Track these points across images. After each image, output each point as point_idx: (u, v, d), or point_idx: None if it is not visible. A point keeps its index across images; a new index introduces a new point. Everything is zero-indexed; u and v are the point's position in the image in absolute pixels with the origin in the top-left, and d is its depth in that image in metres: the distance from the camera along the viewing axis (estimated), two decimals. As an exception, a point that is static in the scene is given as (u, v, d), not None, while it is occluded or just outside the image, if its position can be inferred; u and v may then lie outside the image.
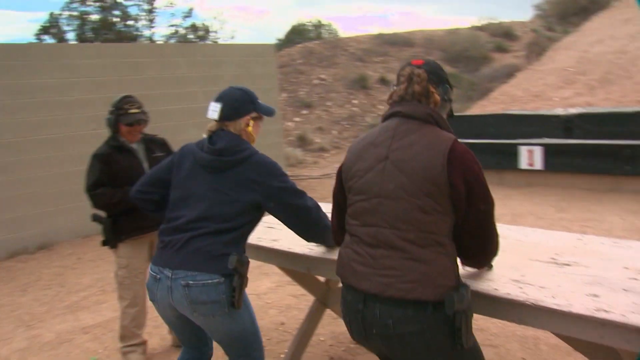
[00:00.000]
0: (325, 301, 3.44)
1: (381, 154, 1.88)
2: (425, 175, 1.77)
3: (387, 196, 1.82)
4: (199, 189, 2.29)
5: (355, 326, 1.91)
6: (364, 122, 13.92)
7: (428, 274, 1.76)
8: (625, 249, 2.45)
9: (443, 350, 1.80)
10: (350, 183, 1.96)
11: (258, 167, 2.29)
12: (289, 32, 25.74)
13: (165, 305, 2.27)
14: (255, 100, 2.45)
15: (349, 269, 1.92)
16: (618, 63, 12.54)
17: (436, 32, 20.11)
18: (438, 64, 2.03)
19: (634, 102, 10.01)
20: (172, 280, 2.20)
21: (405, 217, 1.79)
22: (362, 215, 1.90)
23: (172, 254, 2.23)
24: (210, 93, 9.00)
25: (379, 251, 1.83)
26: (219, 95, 2.40)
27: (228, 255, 2.20)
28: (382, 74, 15.99)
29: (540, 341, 3.53)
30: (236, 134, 2.36)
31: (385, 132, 1.92)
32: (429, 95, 1.91)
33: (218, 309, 2.20)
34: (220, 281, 2.19)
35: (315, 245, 2.78)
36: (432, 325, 1.77)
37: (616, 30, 15.59)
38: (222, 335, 2.32)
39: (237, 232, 2.28)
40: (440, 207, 1.78)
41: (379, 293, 1.79)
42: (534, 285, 2.07)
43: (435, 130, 1.86)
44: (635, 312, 1.78)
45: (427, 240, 1.78)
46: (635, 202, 7.04)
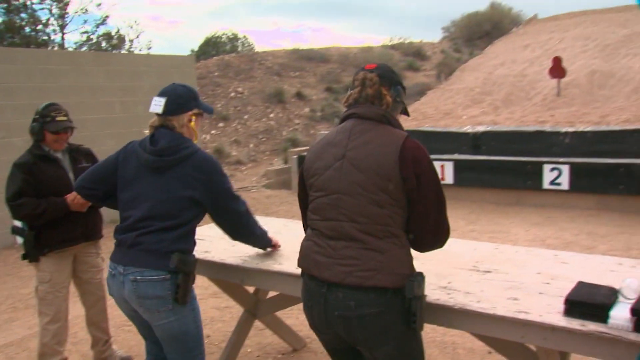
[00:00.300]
0: (255, 312, 3.48)
1: (338, 153, 2.00)
2: (379, 172, 1.91)
3: (345, 192, 1.95)
4: (144, 189, 2.36)
5: (317, 310, 2.01)
6: (280, 136, 14.03)
7: (385, 262, 1.90)
8: (536, 256, 2.69)
9: (398, 332, 1.93)
10: (311, 181, 2.08)
11: (200, 164, 2.36)
12: (204, 44, 25.51)
13: (120, 299, 2.39)
14: (198, 97, 2.54)
15: (311, 260, 2.03)
16: (519, 85, 13.43)
17: (351, 50, 20.64)
18: (390, 67, 2.16)
19: (534, 121, 10.75)
20: (123, 276, 2.31)
21: (362, 211, 1.92)
22: (323, 210, 2.02)
23: (124, 251, 2.34)
24: (129, 104, 8.80)
25: (340, 243, 1.96)
26: (162, 91, 2.46)
27: (173, 252, 2.30)
28: (298, 88, 16.20)
29: (458, 346, 3.74)
30: (177, 131, 2.41)
31: (342, 133, 2.04)
32: (382, 98, 2.04)
33: (162, 305, 2.29)
34: (166, 277, 2.29)
35: (248, 257, 2.84)
36: (390, 309, 1.90)
37: (517, 54, 16.71)
38: (165, 333, 2.36)
39: (184, 229, 2.36)
40: (394, 201, 1.92)
41: (339, 281, 1.92)
42: (460, 291, 2.24)
43: (388, 129, 2.00)
44: (550, 313, 1.98)
45: (383, 232, 1.92)
46: (537, 215, 7.58)
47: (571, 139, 8.59)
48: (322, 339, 2.14)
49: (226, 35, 25.63)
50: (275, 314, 3.62)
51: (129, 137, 8.20)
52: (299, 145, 12.85)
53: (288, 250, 2.94)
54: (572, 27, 19.13)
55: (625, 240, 6.18)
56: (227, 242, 3.13)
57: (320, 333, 2.10)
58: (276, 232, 3.38)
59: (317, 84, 17.10)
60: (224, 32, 25.85)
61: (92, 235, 3.34)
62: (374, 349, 1.94)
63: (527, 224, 7.18)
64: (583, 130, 8.61)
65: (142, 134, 2.46)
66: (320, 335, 2.13)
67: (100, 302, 3.49)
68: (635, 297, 1.92)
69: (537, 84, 13.30)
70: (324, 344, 2.18)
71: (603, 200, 7.65)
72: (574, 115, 10.64)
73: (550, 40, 17.75)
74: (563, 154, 8.38)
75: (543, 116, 10.98)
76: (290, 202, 9.37)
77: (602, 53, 14.70)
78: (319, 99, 15.98)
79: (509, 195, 8.33)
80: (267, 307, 3.48)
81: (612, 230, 6.63)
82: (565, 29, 19.04)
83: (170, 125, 2.41)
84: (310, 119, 14.89)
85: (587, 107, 11.11)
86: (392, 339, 1.92)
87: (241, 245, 3.05)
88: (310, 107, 15.39)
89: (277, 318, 3.64)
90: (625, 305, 1.88)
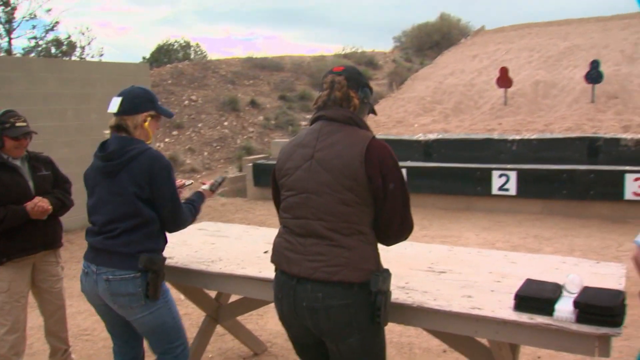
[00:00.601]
0: (216, 317, 3.52)
1: (307, 153, 2.09)
2: (345, 172, 2.00)
3: (314, 191, 2.04)
4: (102, 194, 2.46)
5: (286, 301, 2.09)
6: (235, 144, 14.01)
7: (351, 259, 2.00)
8: (487, 257, 2.85)
9: (362, 325, 2.02)
10: (283, 180, 2.17)
11: (148, 161, 2.42)
12: (155, 51, 25.18)
13: (94, 296, 2.49)
14: (156, 100, 2.60)
15: (282, 256, 2.13)
16: (468, 94, 13.85)
17: (304, 58, 20.79)
18: (357, 69, 2.25)
19: (482, 129, 11.11)
20: (96, 274, 2.43)
21: (329, 210, 2.02)
22: (293, 208, 2.11)
23: (95, 253, 2.46)
24: (83, 111, 8.63)
25: (308, 240, 2.05)
26: (120, 92, 2.53)
27: (142, 253, 2.39)
28: (252, 96, 16.20)
29: (415, 346, 3.88)
30: (131, 131, 2.48)
31: (311, 134, 2.13)
32: (350, 100, 2.13)
33: (135, 301, 2.41)
34: (137, 276, 2.40)
35: (211, 262, 2.89)
36: (356, 302, 2.00)
37: (466, 64, 17.21)
38: (142, 327, 2.49)
39: (149, 227, 2.44)
40: (360, 200, 2.02)
41: (308, 276, 2.01)
42: (418, 291, 2.36)
43: (354, 131, 2.09)
44: (502, 308, 2.12)
45: (350, 230, 2.02)
46: (486, 220, 7.85)
47: (518, 147, 8.95)
48: (291, 333, 2.21)
49: (178, 42, 25.38)
50: (236, 319, 3.66)
51: (83, 145, 8.08)
52: (253, 153, 12.87)
53: (251, 255, 3.01)
54: (517, 39, 19.85)
55: (568, 243, 6.48)
56: (190, 248, 3.19)
57: (289, 326, 2.17)
58: (237, 237, 3.46)
59: (271, 92, 17.15)
60: (175, 40, 25.59)
61: (51, 244, 3.31)
62: (339, 341, 2.03)
63: (477, 228, 7.43)
64: (529, 138, 8.98)
65: (96, 141, 2.55)
66: (289, 329, 2.20)
67: (59, 312, 3.46)
68: (577, 291, 2.07)
69: (485, 93, 13.75)
70: (293, 340, 2.26)
71: (548, 204, 8.00)
72: (520, 124, 11.06)
73: (497, 51, 18.36)
74: (510, 160, 8.72)
75: (491, 124, 11.36)
76: (245, 209, 9.39)
77: (546, 64, 15.33)
78: (273, 107, 16.03)
79: (460, 201, 8.60)
80: (229, 312, 3.53)
81: (557, 233, 6.95)
82: (511, 41, 19.74)
83: (124, 124, 2.48)
84: (265, 127, 14.92)
85: (532, 116, 11.57)
86: (356, 332, 2.02)
87: (204, 251, 3.11)
88: (264, 116, 15.43)
89: (238, 323, 3.69)
90: (569, 299, 2.03)
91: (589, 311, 1.93)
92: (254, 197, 10.35)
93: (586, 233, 6.88)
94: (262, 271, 2.70)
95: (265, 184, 10.15)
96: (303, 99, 16.82)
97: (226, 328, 3.66)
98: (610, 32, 18.70)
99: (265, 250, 3.09)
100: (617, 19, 21.16)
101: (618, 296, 2.00)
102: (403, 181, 2.06)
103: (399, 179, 2.04)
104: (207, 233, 3.56)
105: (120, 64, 8.63)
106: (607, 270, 2.57)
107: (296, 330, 2.17)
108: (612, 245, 6.31)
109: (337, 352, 2.06)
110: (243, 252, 3.09)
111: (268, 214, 8.88)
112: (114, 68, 8.29)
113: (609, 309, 1.91)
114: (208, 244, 3.29)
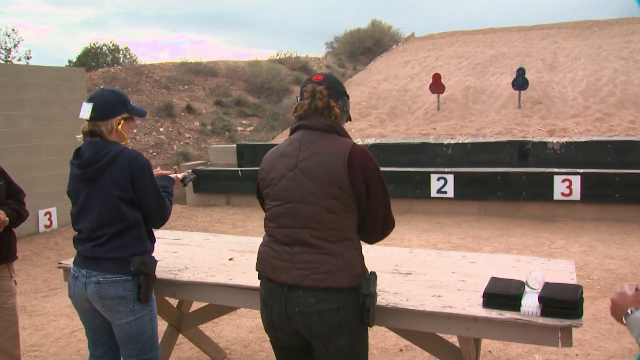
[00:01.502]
0: (179, 326, 3.50)
1: (291, 163, 2.14)
2: (329, 180, 2.06)
3: (299, 201, 2.09)
4: (85, 201, 2.44)
5: (277, 307, 2.12)
6: (171, 150, 13.78)
7: (338, 265, 2.06)
8: (447, 258, 2.99)
9: (352, 327, 2.09)
10: (267, 190, 2.20)
11: (126, 161, 2.40)
12: (82, 55, 24.31)
13: (81, 298, 2.47)
14: (127, 102, 2.57)
15: (268, 265, 2.16)
16: (402, 99, 14.25)
17: (238, 63, 20.69)
18: (335, 78, 2.30)
19: (418, 134, 11.47)
20: (86, 277, 2.42)
21: (315, 218, 2.07)
22: (278, 218, 2.15)
23: (84, 259, 2.46)
24: (15, 117, 8.32)
25: (295, 248, 2.10)
26: (90, 97, 2.50)
27: (134, 256, 2.39)
28: (188, 102, 15.99)
29: (371, 346, 3.97)
30: (105, 136, 2.45)
31: (293, 144, 2.17)
32: (331, 109, 2.19)
33: (123, 305, 2.41)
34: (128, 279, 2.41)
35: (178, 270, 2.88)
36: (347, 305, 2.07)
37: (398, 70, 17.67)
38: (123, 331, 2.46)
39: (137, 230, 2.44)
40: (345, 207, 2.09)
41: (297, 283, 2.06)
42: (389, 292, 2.46)
43: (335, 139, 2.15)
44: (471, 306, 2.25)
45: (337, 237, 2.08)
46: (426, 222, 8.12)
47: (453, 150, 9.29)
48: (276, 337, 2.23)
49: (107, 46, 24.62)
50: (197, 327, 3.65)
51: (14, 152, 7.77)
52: (190, 159, 12.70)
53: (216, 263, 3.02)
54: (446, 46, 20.58)
55: (505, 242, 6.81)
56: (158, 257, 3.15)
57: (277, 330, 2.19)
58: (199, 245, 3.45)
59: (207, 97, 16.98)
60: (104, 43, 24.73)
61: (5, 258, 3.18)
62: (329, 343, 2.09)
63: (419, 230, 7.67)
64: (463, 142, 9.35)
65: (28, 148, 2.50)
66: (275, 334, 2.22)
67: (12, 328, 3.32)
68: (539, 287, 2.23)
69: (418, 98, 14.18)
70: (276, 343, 2.28)
71: (484, 206, 8.36)
72: (454, 128, 11.50)
73: (428, 57, 18.97)
74: (446, 164, 9.04)
75: (426, 129, 11.74)
76: (186, 216, 9.27)
77: (474, 71, 15.98)
78: (209, 113, 15.88)
79: (400, 204, 8.81)
80: (191, 320, 3.52)
81: (494, 233, 7.28)
82: (440, 48, 20.44)
83: (98, 130, 2.46)
84: (201, 132, 14.76)
85: (464, 121, 12.05)
86: (346, 334, 2.09)
87: (168, 260, 3.10)
88: (200, 121, 15.26)
89: (199, 331, 3.68)
90: (533, 294, 2.19)
91: (552, 305, 2.09)
92: (194, 203, 10.22)
93: (520, 232, 7.25)
94: (232, 278, 2.72)
95: (205, 190, 10.06)
96: (239, 105, 16.75)
97: (187, 337, 3.64)
98: (531, 41, 19.75)
99: (230, 258, 3.11)
100: (537, 29, 22.37)
101: (577, 290, 2.17)
102: (384, 182, 2.15)
103: (380, 181, 2.13)
104: (166, 241, 3.53)
105: (54, 68, 8.34)
106: (558, 266, 2.76)
107: (283, 336, 2.20)
108: (545, 243, 6.68)
109: (326, 354, 2.11)
110: (208, 259, 3.09)
111: (210, 221, 8.81)
112: (48, 72, 8.00)
113: (571, 302, 2.07)
114: (170, 252, 3.27)
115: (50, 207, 7.90)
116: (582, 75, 13.91)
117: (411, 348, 3.86)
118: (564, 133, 10.28)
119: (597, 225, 7.45)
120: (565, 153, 8.62)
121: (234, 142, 13.01)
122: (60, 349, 4.10)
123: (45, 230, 7.91)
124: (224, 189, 10.04)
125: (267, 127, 15.54)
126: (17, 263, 3.21)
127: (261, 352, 3.90)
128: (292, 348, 2.25)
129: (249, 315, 4.56)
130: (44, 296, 5.32)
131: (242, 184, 9.77)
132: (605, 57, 15.61)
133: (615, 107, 11.51)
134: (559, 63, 15.86)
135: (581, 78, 13.64)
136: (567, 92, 12.93)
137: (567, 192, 7.78)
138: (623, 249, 6.26)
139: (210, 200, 10.16)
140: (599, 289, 4.97)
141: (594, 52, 16.44)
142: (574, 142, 8.69)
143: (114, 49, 24.93)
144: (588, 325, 4.11)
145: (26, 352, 4.09)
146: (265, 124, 15.82)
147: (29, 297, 5.30)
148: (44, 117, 7.84)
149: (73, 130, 8.10)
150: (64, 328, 4.50)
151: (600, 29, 20.79)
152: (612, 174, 7.72)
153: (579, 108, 11.76)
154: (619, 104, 11.64)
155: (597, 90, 12.55)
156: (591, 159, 8.37)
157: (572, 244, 6.60)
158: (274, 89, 18.09)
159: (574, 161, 8.42)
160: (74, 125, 8.57)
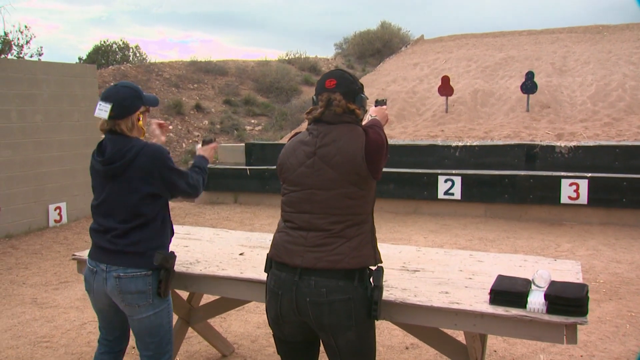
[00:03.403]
0: (188, 320, 3.55)
1: (309, 151, 2.19)
2: (348, 167, 2.13)
3: (319, 187, 2.15)
4: (107, 195, 2.47)
5: (287, 298, 2.16)
6: (180, 148, 13.87)
7: (352, 247, 2.12)
8: (454, 256, 3.03)
9: (360, 319, 2.14)
10: (285, 175, 2.26)
11: (150, 157, 2.44)
12: (93, 52, 24.48)
13: (101, 293, 2.50)
14: (142, 95, 2.59)
15: (282, 249, 2.20)
16: (410, 101, 14.27)
17: (248, 63, 20.79)
18: (348, 76, 2.27)
19: (426, 136, 11.50)
20: (106, 272, 2.45)
21: (334, 204, 2.13)
22: (297, 203, 2.21)
23: (104, 253, 2.48)
24: (27, 112, 8.41)
25: (311, 233, 2.15)
26: (106, 95, 2.48)
27: (154, 250, 2.44)
28: (197, 100, 16.10)
29: (378, 344, 4.01)
30: (126, 134, 2.47)
31: (312, 133, 2.22)
32: (352, 112, 2.22)
33: (144, 299, 2.45)
34: (148, 273, 2.45)
35: (190, 264, 2.94)
36: (356, 296, 2.12)
37: (407, 72, 17.70)
38: (141, 325, 2.49)
39: (156, 224, 2.49)
40: (364, 192, 2.16)
41: (311, 267, 2.11)
42: (397, 288, 2.50)
43: (352, 127, 2.19)
44: (478, 302, 2.29)
45: (354, 221, 2.15)
46: (432, 223, 8.15)
47: (461, 153, 9.32)
48: (282, 330, 2.26)
49: (117, 44, 24.78)
50: (207, 321, 3.70)
51: (27, 147, 7.85)
52: (199, 157, 12.77)
53: (227, 257, 3.07)
54: (455, 49, 20.59)
55: (511, 244, 6.84)
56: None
57: (283, 323, 2.22)
58: (209, 240, 3.51)
59: (216, 96, 17.08)
60: (114, 41, 24.91)
61: None
62: (337, 335, 2.14)
63: (425, 231, 7.70)
64: (471, 145, 9.38)
65: (40, 143, 2.54)
66: (281, 327, 2.24)
67: None
68: (545, 285, 2.27)
69: (426, 100, 14.21)
70: (280, 337, 2.30)
71: (491, 208, 8.38)
72: (462, 131, 11.52)
73: (437, 60, 18.98)
74: (454, 166, 9.07)
75: (434, 131, 11.77)
76: (194, 213, 9.34)
77: (483, 74, 15.99)
78: (218, 112, 15.98)
79: (408, 205, 8.87)
80: (201, 314, 3.57)
81: (500, 235, 7.30)
82: (449, 50, 20.45)
83: (118, 129, 2.47)
84: (210, 131, 14.85)
85: (473, 123, 12.07)
86: (354, 326, 2.13)
87: (179, 254, 3.15)
88: (209, 120, 15.35)
89: (208, 325, 3.73)
90: (539, 292, 2.23)
91: (558, 302, 2.13)
92: (202, 201, 10.28)
93: (527, 235, 7.27)
94: (243, 272, 2.77)
95: (214, 189, 10.12)
96: (248, 104, 16.84)
97: (196, 330, 3.69)
98: (541, 45, 19.72)
99: (240, 252, 3.17)
100: (547, 33, 22.33)
101: (583, 288, 2.20)
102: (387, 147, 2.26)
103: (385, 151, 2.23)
104: (177, 236, 3.56)
105: (66, 65, 8.42)
106: (564, 266, 2.79)
107: (289, 328, 2.23)
108: (551, 246, 6.70)
109: (335, 347, 2.16)
110: (219, 254, 3.15)
111: (218, 218, 8.87)
112: (60, 69, 8.08)
113: (577, 300, 2.11)
114: (181, 246, 3.32)
115: (60, 202, 7.97)
116: (591, 79, 13.90)
117: (417, 346, 3.89)
118: (572, 137, 10.28)
119: (604, 229, 7.46)
120: (573, 157, 8.63)
121: (243, 141, 13.08)
122: (71, 341, 4.16)
123: (55, 224, 7.98)
124: (232, 187, 10.11)
125: (276, 126, 15.62)
126: (27, 256, 3.27)
127: (268, 347, 3.94)
128: (296, 342, 2.28)
129: (256, 311, 4.61)
130: (54, 289, 5.39)
131: (250, 183, 9.84)
132: (615, 62, 15.60)
133: (624, 112, 11.50)
134: (568, 67, 15.86)
135: (590, 82, 13.64)
136: (576, 97, 12.93)
137: (574, 196, 7.79)
138: (629, 253, 6.28)
139: (218, 199, 10.22)
140: (605, 292, 5.00)
141: (603, 56, 16.42)
142: (581, 147, 8.70)
143: (124, 47, 25.08)
144: (593, 327, 4.14)
145: (37, 343, 4.16)
146: (273, 123, 15.90)
147: (39, 289, 5.37)
148: (55, 113, 7.92)
149: (84, 126, 8.28)
150: (74, 320, 4.56)
151: (611, 33, 20.76)
152: (620, 178, 7.72)
153: (588, 112, 11.76)
154: (628, 109, 11.64)
155: (606, 95, 12.54)
156: (599, 164, 8.38)
157: (578, 247, 6.61)
158: (282, 88, 18.19)
159: (582, 165, 8.43)
160: (85, 122, 8.69)
